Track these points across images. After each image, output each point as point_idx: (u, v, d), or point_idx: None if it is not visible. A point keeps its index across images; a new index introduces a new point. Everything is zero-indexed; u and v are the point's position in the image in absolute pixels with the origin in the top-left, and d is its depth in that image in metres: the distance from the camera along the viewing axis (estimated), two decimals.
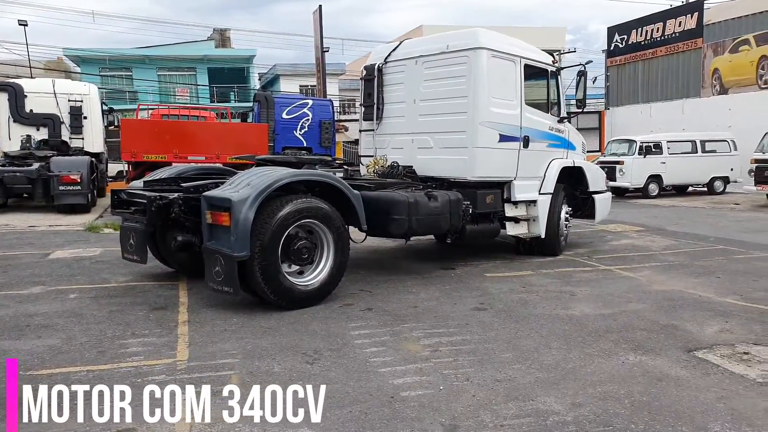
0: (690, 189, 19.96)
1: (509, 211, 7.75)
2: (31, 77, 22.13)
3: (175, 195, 5.50)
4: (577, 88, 8.08)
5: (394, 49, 8.05)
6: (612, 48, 26.90)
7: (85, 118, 16.11)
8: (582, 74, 7.98)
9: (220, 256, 5.04)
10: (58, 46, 49.25)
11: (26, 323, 4.96)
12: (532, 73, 7.85)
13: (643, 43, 25.37)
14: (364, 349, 4.37)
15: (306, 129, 17.08)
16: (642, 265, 7.68)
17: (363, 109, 8.39)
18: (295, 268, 5.46)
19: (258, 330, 4.81)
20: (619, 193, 19.17)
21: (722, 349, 4.43)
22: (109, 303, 5.63)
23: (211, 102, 36.47)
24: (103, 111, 17.98)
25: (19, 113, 15.71)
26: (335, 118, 19.37)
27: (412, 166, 7.67)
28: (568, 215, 8.48)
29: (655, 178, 18.39)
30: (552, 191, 8.00)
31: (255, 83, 41.75)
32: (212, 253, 5.13)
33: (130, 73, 38.26)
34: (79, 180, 12.66)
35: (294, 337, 4.62)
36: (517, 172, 7.60)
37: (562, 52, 41.60)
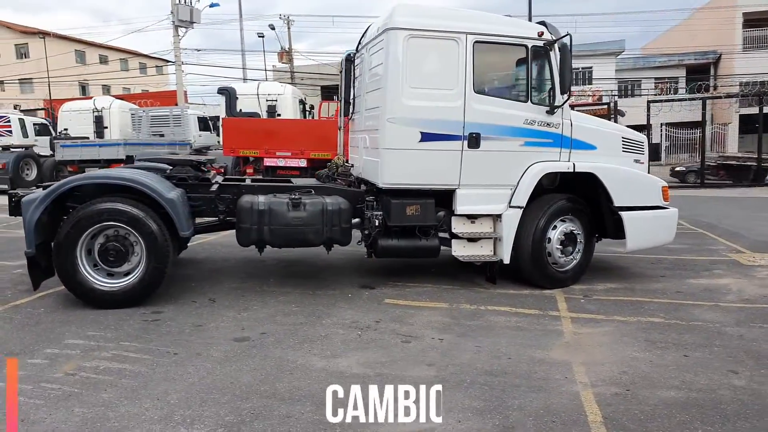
0: None
1: (458, 226, 6.21)
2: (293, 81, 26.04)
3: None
4: (560, 68, 5.93)
5: (363, 35, 7.18)
6: None
7: (279, 115, 18.41)
8: (564, 49, 5.81)
9: None
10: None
11: None
12: (497, 51, 6.08)
13: None
14: (32, 359, 4.27)
15: None
16: (639, 318, 5.35)
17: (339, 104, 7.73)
18: (125, 267, 5.49)
19: (18, 323, 5.06)
20: None
21: None
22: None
23: None
24: (304, 109, 20.23)
25: (231, 112, 18.79)
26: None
27: (349, 168, 6.82)
28: (567, 236, 6.31)
29: None
30: (523, 204, 6.11)
31: None
32: None
33: None
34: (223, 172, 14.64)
35: (17, 335, 4.77)
36: (461, 179, 6.04)
37: None
